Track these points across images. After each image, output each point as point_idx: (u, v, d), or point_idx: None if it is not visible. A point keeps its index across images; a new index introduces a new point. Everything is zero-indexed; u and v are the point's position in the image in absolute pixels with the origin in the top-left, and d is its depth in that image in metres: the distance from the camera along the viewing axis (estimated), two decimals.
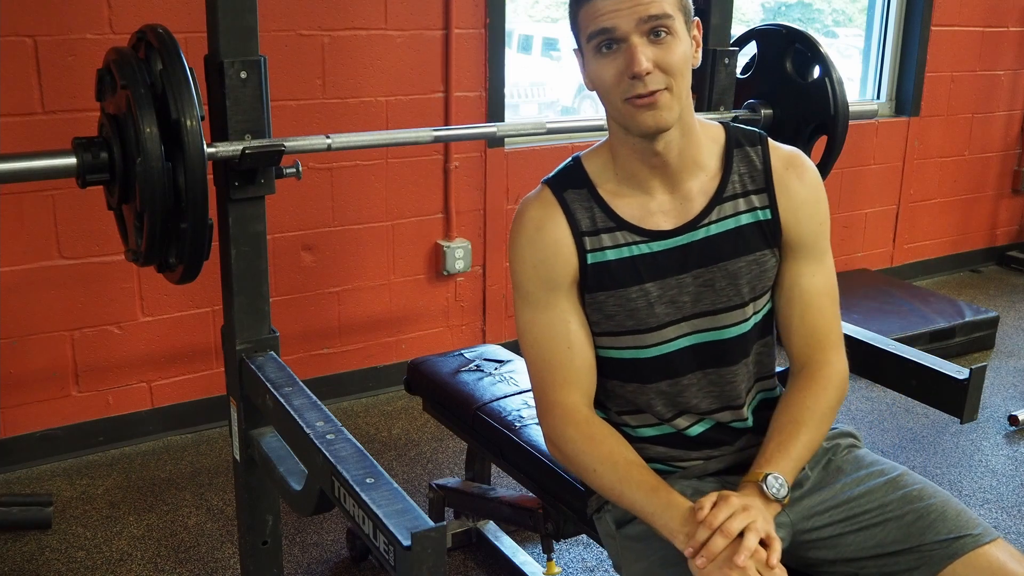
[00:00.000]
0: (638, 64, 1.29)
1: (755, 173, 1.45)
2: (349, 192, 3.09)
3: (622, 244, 1.42)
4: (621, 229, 1.42)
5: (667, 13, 1.30)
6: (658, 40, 1.30)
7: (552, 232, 1.43)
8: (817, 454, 1.51)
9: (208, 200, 1.45)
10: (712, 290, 1.42)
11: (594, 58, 1.34)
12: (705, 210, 1.42)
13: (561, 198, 1.44)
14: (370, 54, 3.01)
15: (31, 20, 2.51)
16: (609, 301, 1.42)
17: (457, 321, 3.43)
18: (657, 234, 1.42)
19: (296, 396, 1.55)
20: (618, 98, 1.34)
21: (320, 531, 2.47)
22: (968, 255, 4.90)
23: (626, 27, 1.29)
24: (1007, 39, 4.59)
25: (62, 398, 2.81)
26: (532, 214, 1.46)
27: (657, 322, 1.42)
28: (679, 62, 1.32)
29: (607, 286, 1.42)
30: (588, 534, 1.81)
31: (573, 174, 1.47)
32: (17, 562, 2.34)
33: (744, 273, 1.43)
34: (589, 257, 1.42)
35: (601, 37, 1.31)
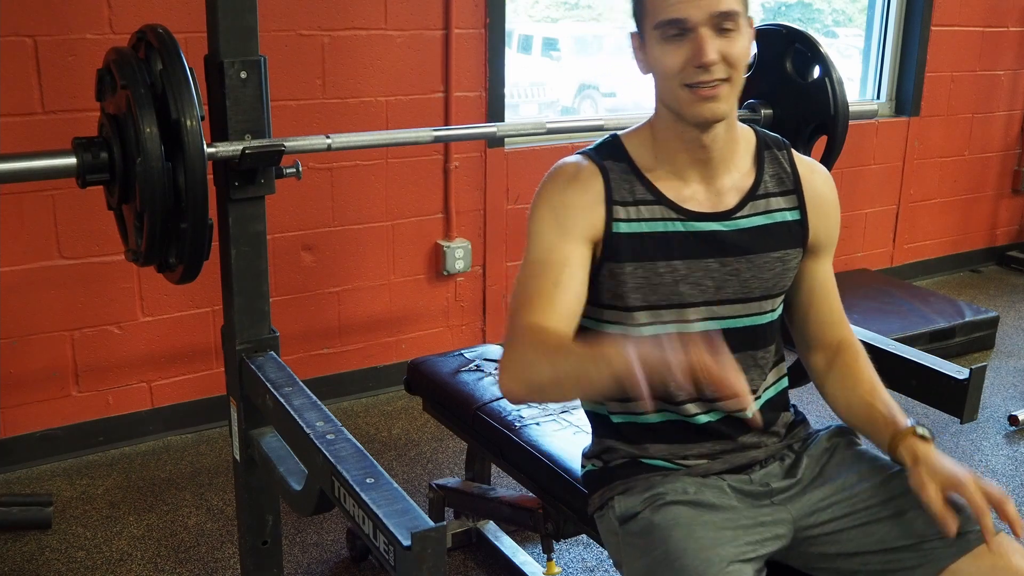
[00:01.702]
0: (706, 55, 1.32)
1: (784, 176, 1.51)
2: (349, 192, 3.09)
3: (658, 218, 1.43)
4: (659, 203, 1.44)
5: (736, 9, 1.35)
6: (725, 33, 1.35)
7: (584, 188, 1.44)
8: (817, 450, 1.53)
9: (208, 200, 1.45)
10: (737, 280, 1.46)
11: (659, 44, 1.36)
12: (739, 204, 1.47)
13: (600, 165, 1.46)
14: (370, 54, 3.01)
15: (31, 20, 2.51)
16: (637, 273, 1.42)
17: (457, 321, 3.43)
18: (693, 214, 1.44)
19: (296, 396, 1.55)
20: (678, 84, 1.36)
21: (320, 531, 2.47)
22: (968, 255, 4.90)
23: (698, 18, 1.33)
24: (1007, 39, 4.59)
25: (62, 398, 2.81)
26: (567, 169, 1.46)
27: (679, 300, 1.44)
28: (742, 56, 1.37)
29: (637, 257, 1.42)
30: (588, 534, 1.81)
31: (612, 148, 1.49)
32: (17, 562, 2.34)
33: (769, 268, 1.48)
34: (622, 227, 1.42)
35: (671, 26, 1.34)
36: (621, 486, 1.50)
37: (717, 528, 1.37)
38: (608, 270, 1.43)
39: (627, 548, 1.45)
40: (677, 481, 1.45)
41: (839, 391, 1.55)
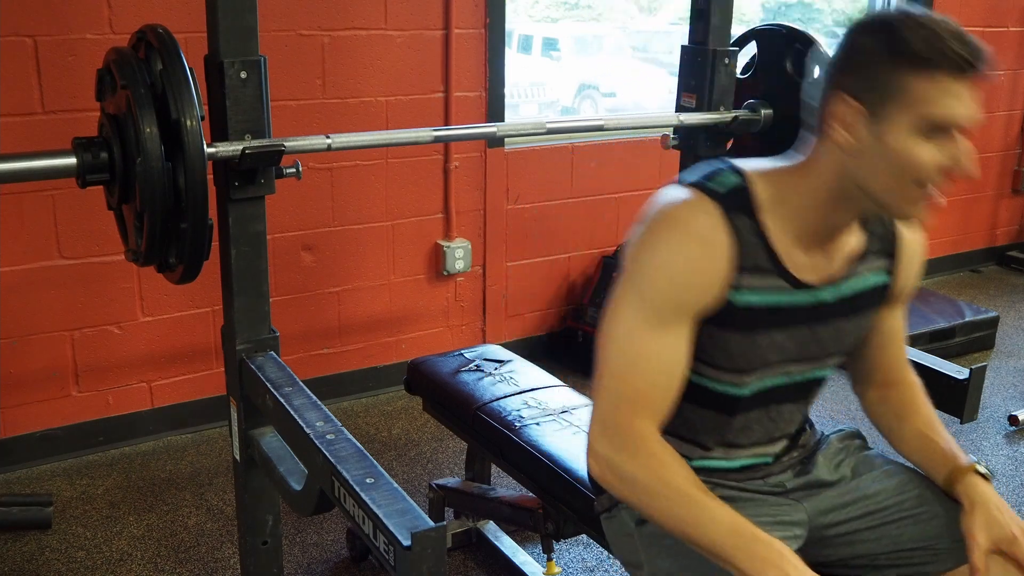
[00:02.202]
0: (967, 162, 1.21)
1: (887, 236, 1.43)
2: (349, 192, 3.09)
3: (772, 288, 1.32)
4: (777, 274, 1.32)
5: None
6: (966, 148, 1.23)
7: (713, 255, 1.28)
8: (830, 451, 1.53)
9: (208, 200, 1.45)
10: (817, 343, 1.40)
11: (913, 136, 1.19)
12: (845, 272, 1.38)
13: (732, 223, 1.29)
14: (370, 54, 3.01)
15: (31, 20, 2.51)
16: (742, 343, 1.33)
17: (457, 321, 3.43)
18: (804, 285, 1.34)
19: (296, 396, 1.55)
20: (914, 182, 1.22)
21: (320, 531, 2.47)
22: (968, 255, 4.90)
23: (968, 123, 1.20)
24: (1007, 39, 4.59)
25: (62, 398, 2.81)
26: (699, 225, 1.28)
27: (762, 363, 1.37)
28: None
29: (743, 328, 1.32)
30: (588, 534, 1.81)
31: (742, 198, 1.31)
32: (17, 562, 2.34)
33: (850, 332, 1.43)
34: (737, 296, 1.30)
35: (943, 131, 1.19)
36: None
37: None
38: (713, 335, 1.32)
39: (649, 549, 1.42)
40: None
41: (894, 421, 1.51)
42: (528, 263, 3.51)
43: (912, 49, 1.17)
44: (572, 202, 3.54)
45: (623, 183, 3.63)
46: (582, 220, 3.58)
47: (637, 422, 1.28)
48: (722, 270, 1.28)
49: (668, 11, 4.91)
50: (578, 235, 3.59)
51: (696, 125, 2.18)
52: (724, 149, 2.28)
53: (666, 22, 4.98)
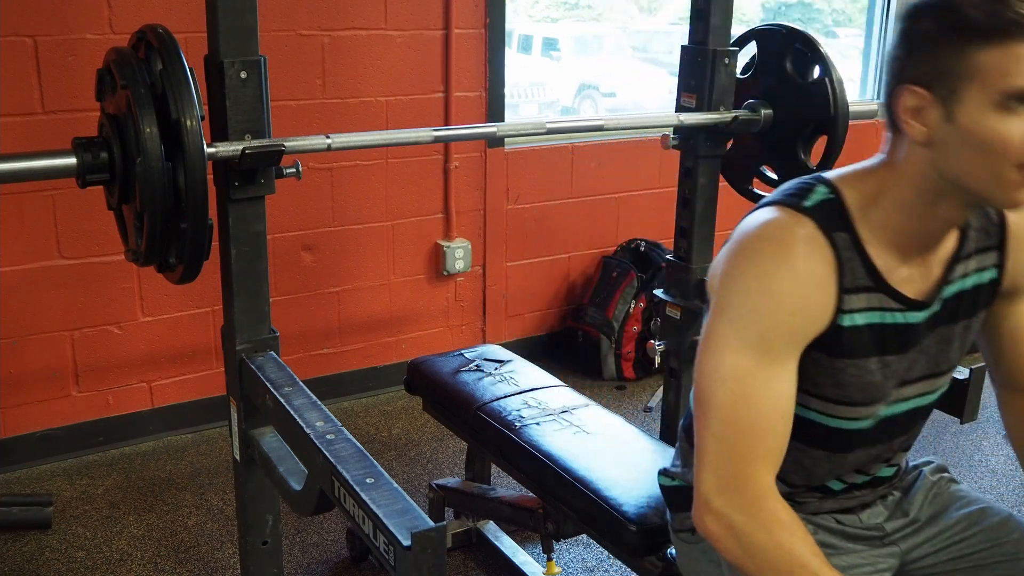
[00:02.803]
0: None
1: (990, 227, 1.31)
2: (349, 192, 3.09)
3: (877, 308, 1.22)
4: (879, 292, 1.22)
5: None
6: None
7: (819, 276, 1.18)
8: (924, 487, 1.47)
9: (208, 200, 1.45)
10: (927, 356, 1.30)
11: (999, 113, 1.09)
12: (945, 274, 1.27)
13: (832, 241, 1.19)
14: (370, 54, 3.01)
15: (31, 20, 2.51)
16: (848, 370, 1.23)
17: (457, 321, 3.43)
18: (910, 302, 1.24)
19: (296, 396, 1.55)
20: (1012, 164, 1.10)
21: (320, 531, 2.47)
22: None
23: None
24: None
25: (62, 398, 2.81)
26: (799, 245, 1.18)
27: (882, 395, 1.27)
28: None
29: (852, 354, 1.22)
30: (588, 534, 1.81)
31: (835, 211, 1.21)
32: (17, 562, 2.34)
33: (958, 337, 1.32)
34: (844, 319, 1.20)
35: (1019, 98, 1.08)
36: None
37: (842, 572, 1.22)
38: (816, 359, 1.22)
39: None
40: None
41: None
42: (528, 263, 3.51)
43: (977, 22, 1.08)
44: (572, 202, 3.54)
45: (623, 183, 3.63)
46: (582, 220, 3.58)
47: (756, 473, 1.17)
48: (829, 292, 1.19)
49: (668, 11, 4.91)
50: (578, 235, 3.59)
51: (696, 125, 2.18)
52: (724, 149, 2.28)
53: (666, 22, 4.98)
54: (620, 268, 3.50)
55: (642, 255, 3.56)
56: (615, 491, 1.70)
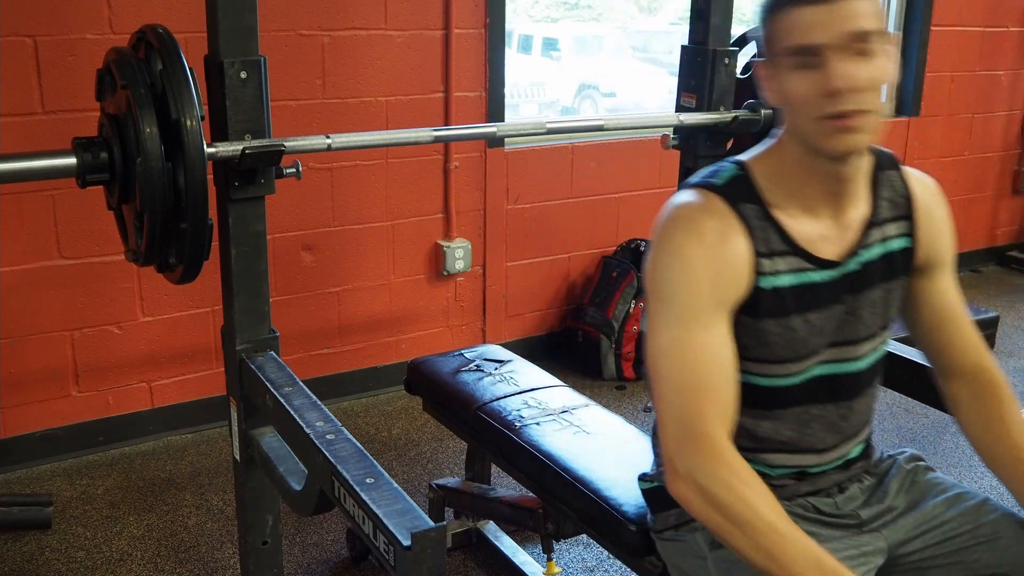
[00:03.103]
0: (840, 80, 1.21)
1: (898, 199, 1.42)
2: (349, 192, 3.09)
3: (796, 270, 1.33)
4: (795, 254, 1.33)
5: (873, 29, 1.23)
6: (863, 57, 1.22)
7: (735, 247, 1.29)
8: (899, 475, 1.49)
9: (208, 200, 1.45)
10: (854, 318, 1.38)
11: (790, 71, 1.25)
12: (861, 237, 1.37)
13: (739, 212, 1.31)
14: (370, 54, 3.01)
15: (31, 20, 2.51)
16: (774, 330, 1.33)
17: (457, 321, 3.43)
18: (825, 263, 1.35)
19: (296, 396, 1.55)
20: (813, 116, 1.24)
21: (320, 531, 2.47)
22: (968, 255, 4.90)
23: (830, 41, 1.22)
24: (1007, 39, 4.59)
25: (62, 398, 2.81)
26: (711, 224, 1.30)
27: (807, 352, 1.36)
28: (882, 81, 1.25)
29: (774, 313, 1.32)
30: (588, 534, 1.81)
31: (743, 185, 1.34)
32: (17, 562, 2.34)
33: (882, 302, 1.41)
34: (764, 281, 1.31)
35: (803, 53, 1.23)
36: None
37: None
38: (750, 326, 1.32)
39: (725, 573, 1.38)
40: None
41: (984, 436, 1.45)
42: (528, 263, 3.51)
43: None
44: (572, 202, 3.54)
45: (623, 183, 3.63)
46: (582, 220, 3.58)
47: (709, 430, 1.24)
48: (743, 258, 1.29)
49: (668, 11, 4.91)
50: (578, 235, 3.59)
51: (696, 125, 2.18)
52: (724, 149, 2.28)
53: (666, 22, 4.98)
54: (620, 268, 3.50)
55: (642, 255, 3.56)
56: (615, 491, 1.70)
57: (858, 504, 1.46)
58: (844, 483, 1.47)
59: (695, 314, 1.27)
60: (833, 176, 1.32)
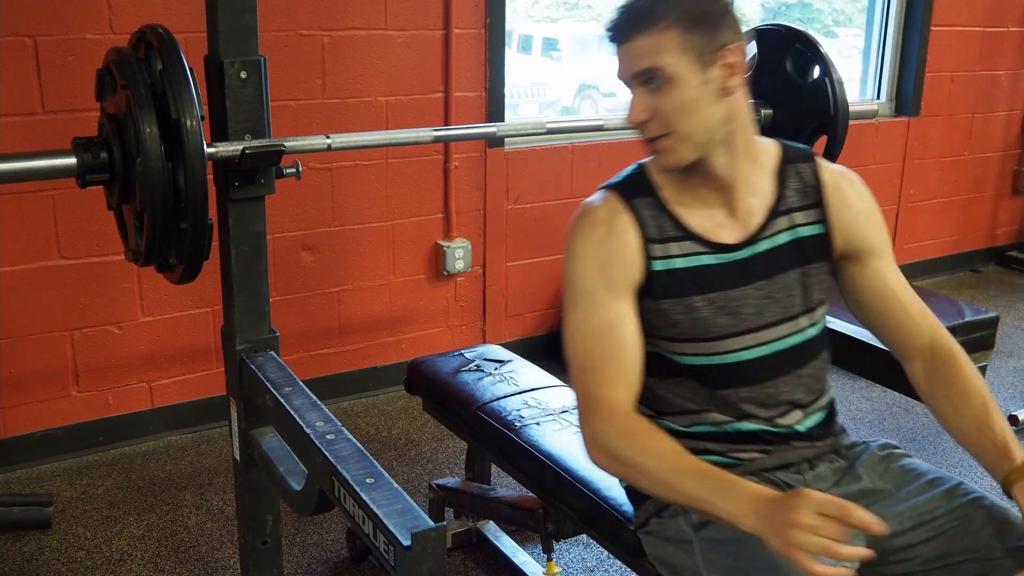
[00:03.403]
0: (632, 113, 1.38)
1: (807, 189, 1.50)
2: (349, 192, 3.09)
3: (689, 253, 1.43)
4: (688, 239, 1.44)
5: (657, 65, 1.33)
6: (654, 89, 1.35)
7: (621, 234, 1.43)
8: (872, 461, 1.51)
9: (208, 200, 1.45)
10: (773, 302, 1.46)
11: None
12: (763, 225, 1.46)
13: (630, 203, 1.45)
14: (370, 54, 3.01)
15: (31, 20, 2.51)
16: (675, 308, 1.43)
17: (457, 321, 3.43)
18: (722, 247, 1.44)
19: (296, 396, 1.55)
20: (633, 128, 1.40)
21: (320, 531, 2.47)
22: (968, 255, 4.90)
23: (627, 78, 1.38)
24: (1007, 39, 4.59)
25: (62, 398, 2.81)
26: (600, 216, 1.45)
27: (720, 332, 1.44)
28: (674, 110, 1.35)
29: (674, 294, 1.43)
30: (588, 534, 1.81)
31: (639, 181, 1.47)
32: (17, 562, 2.34)
33: (799, 284, 1.47)
34: (658, 264, 1.42)
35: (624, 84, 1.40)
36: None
37: None
38: (653, 307, 1.43)
39: (710, 553, 1.39)
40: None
41: (949, 412, 1.48)
42: (528, 263, 3.51)
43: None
44: (572, 202, 3.53)
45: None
46: None
47: (608, 394, 1.36)
48: (633, 245, 1.42)
49: None
50: None
51: None
52: None
53: None
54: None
55: None
56: (615, 491, 1.70)
57: (829, 484, 1.48)
58: (814, 460, 1.49)
59: (590, 298, 1.42)
60: (704, 174, 1.42)
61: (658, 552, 1.51)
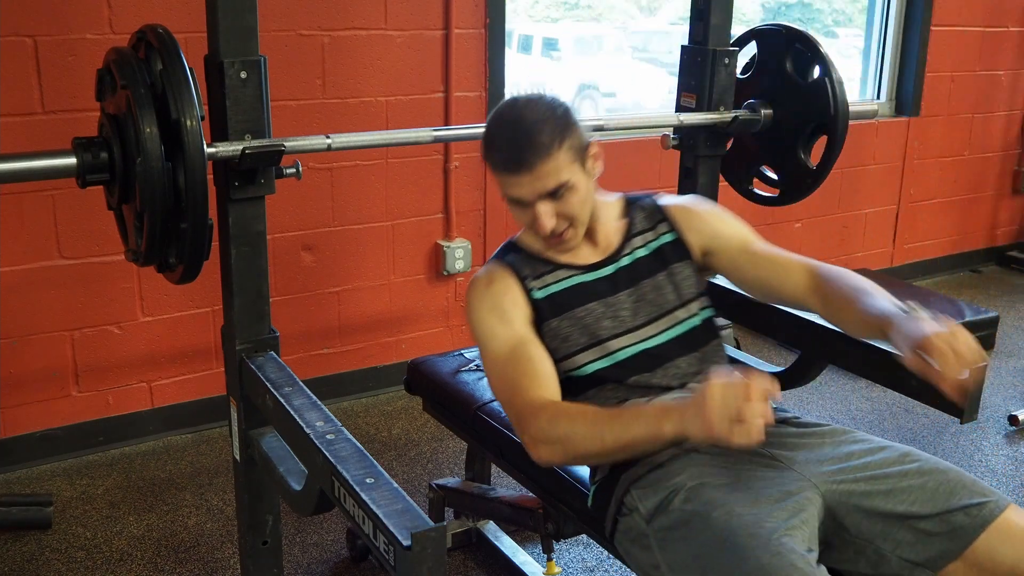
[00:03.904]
0: (543, 228, 1.59)
1: (651, 213, 1.78)
2: (349, 192, 3.09)
3: (563, 278, 1.68)
4: (560, 268, 1.69)
5: (562, 182, 1.56)
6: (558, 199, 1.58)
7: (501, 280, 1.67)
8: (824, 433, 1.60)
9: (208, 200, 1.45)
10: (646, 303, 1.68)
11: (510, 203, 1.62)
12: (621, 247, 1.73)
13: (504, 260, 1.70)
14: (370, 54, 3.01)
15: (31, 20, 2.51)
16: (563, 324, 1.64)
17: (457, 321, 3.43)
18: (589, 266, 1.70)
19: (296, 396, 1.55)
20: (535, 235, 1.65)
21: (320, 531, 2.47)
22: (968, 255, 4.90)
23: (530, 198, 1.58)
24: (1007, 39, 4.59)
25: (62, 398, 2.81)
26: (483, 278, 1.69)
27: (607, 334, 1.65)
28: (577, 208, 1.61)
29: (558, 312, 1.65)
30: (588, 534, 1.81)
31: (510, 247, 1.74)
32: (17, 562, 2.34)
33: (668, 283, 1.71)
34: (538, 293, 1.66)
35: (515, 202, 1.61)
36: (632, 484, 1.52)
37: (753, 504, 1.39)
38: (546, 331, 1.64)
39: (663, 542, 1.44)
40: (688, 467, 1.48)
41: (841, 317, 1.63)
42: None
43: (483, 148, 1.61)
44: None
45: (623, 183, 3.60)
46: None
47: (527, 395, 1.54)
48: (513, 284, 1.66)
49: (668, 11, 4.91)
50: None
51: (696, 125, 2.18)
52: (724, 149, 2.28)
53: (666, 22, 4.98)
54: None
55: None
56: None
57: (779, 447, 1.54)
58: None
59: (492, 336, 1.62)
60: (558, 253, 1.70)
61: (629, 555, 1.54)
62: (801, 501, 1.41)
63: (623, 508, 1.53)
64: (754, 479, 1.46)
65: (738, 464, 1.50)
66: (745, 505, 1.38)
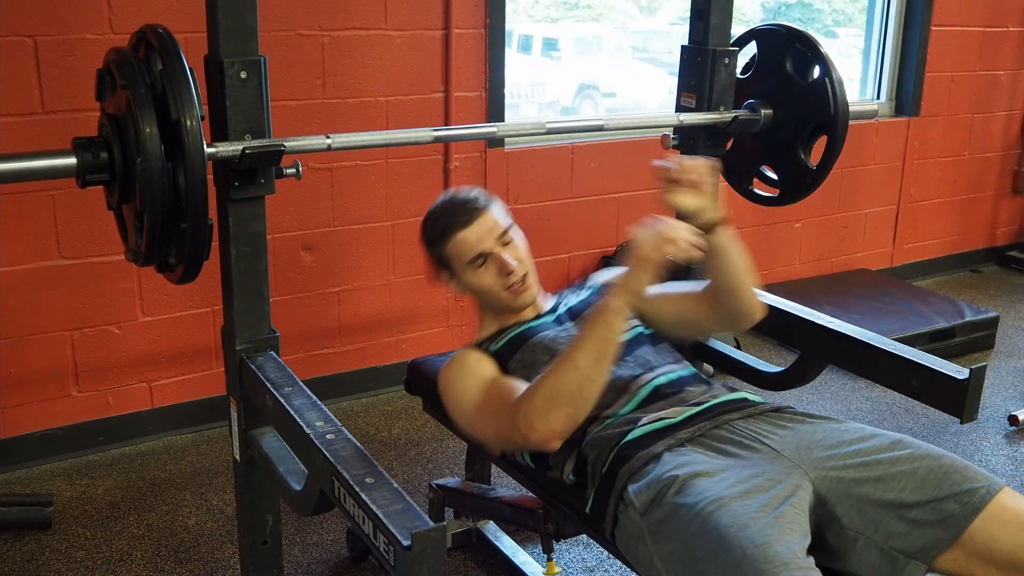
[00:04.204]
0: (509, 266, 1.82)
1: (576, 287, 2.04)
2: (349, 192, 3.09)
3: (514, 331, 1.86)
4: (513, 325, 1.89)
5: (505, 226, 1.85)
6: (509, 244, 1.85)
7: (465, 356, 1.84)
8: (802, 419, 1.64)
9: (208, 200, 1.45)
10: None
11: (474, 273, 1.84)
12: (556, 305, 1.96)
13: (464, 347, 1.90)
14: (370, 54, 3.01)
15: (31, 20, 2.51)
16: (526, 354, 1.79)
17: (457, 321, 3.43)
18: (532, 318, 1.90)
19: (296, 396, 1.55)
20: (500, 291, 1.84)
21: (320, 531, 2.47)
22: (968, 255, 4.90)
23: (490, 245, 1.82)
24: (1007, 39, 4.59)
25: (62, 398, 2.81)
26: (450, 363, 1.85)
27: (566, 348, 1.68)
28: (525, 254, 1.87)
29: (517, 347, 1.82)
30: (588, 534, 1.81)
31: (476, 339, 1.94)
32: (17, 562, 2.34)
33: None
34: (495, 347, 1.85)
35: (479, 259, 1.82)
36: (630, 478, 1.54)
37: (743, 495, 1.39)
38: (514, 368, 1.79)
39: (656, 535, 1.45)
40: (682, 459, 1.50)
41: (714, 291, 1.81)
42: None
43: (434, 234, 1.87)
44: (572, 202, 3.54)
45: (623, 183, 3.63)
46: (582, 220, 3.58)
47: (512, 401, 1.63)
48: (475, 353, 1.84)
49: (668, 11, 4.91)
50: (578, 235, 3.59)
51: (696, 125, 2.18)
52: (724, 149, 2.28)
53: (666, 22, 4.98)
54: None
55: None
56: None
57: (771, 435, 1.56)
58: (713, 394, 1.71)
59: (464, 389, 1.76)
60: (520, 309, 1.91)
61: (629, 551, 1.54)
62: (791, 488, 1.41)
63: (621, 504, 1.54)
64: (746, 467, 1.47)
65: (730, 454, 1.52)
66: (735, 496, 1.39)
